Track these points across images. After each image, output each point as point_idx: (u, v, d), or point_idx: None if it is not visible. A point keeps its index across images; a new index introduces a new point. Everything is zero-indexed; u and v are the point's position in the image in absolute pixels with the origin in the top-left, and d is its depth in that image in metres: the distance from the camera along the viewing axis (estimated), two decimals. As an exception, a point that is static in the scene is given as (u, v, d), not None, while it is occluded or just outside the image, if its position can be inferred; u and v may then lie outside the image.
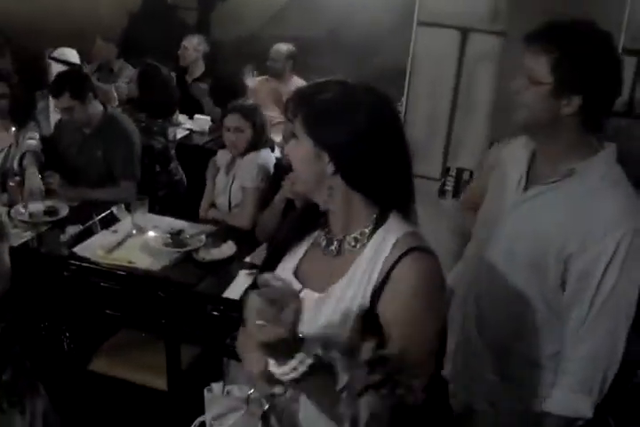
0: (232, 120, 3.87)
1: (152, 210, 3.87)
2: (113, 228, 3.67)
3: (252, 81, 6.05)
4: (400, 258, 1.56)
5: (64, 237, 3.55)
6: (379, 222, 1.64)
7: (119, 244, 3.49)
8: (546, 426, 2.06)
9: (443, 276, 1.62)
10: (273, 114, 5.28)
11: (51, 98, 4.51)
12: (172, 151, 4.84)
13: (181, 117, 5.66)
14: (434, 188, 3.39)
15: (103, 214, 3.76)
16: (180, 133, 5.42)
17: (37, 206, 3.80)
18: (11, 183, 3.95)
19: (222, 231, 3.68)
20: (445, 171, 3.37)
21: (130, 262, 3.34)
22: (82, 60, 5.96)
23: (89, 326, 3.58)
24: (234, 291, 3.14)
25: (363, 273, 1.60)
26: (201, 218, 3.98)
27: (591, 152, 2.01)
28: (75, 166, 4.23)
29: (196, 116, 5.71)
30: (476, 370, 2.28)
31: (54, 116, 4.89)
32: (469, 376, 2.30)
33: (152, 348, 3.30)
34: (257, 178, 3.82)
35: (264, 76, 6.14)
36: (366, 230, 1.64)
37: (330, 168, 1.59)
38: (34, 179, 4.00)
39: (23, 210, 3.77)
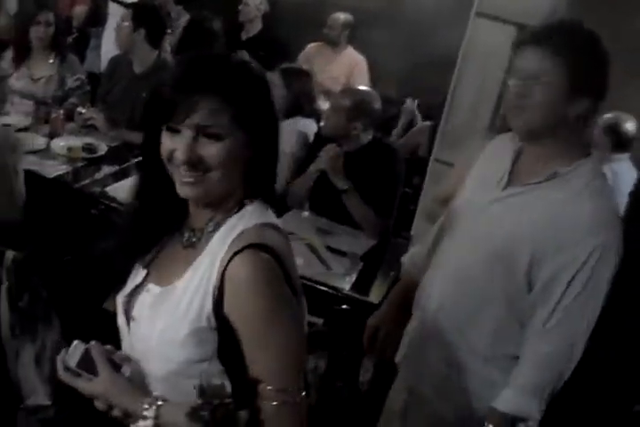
0: (272, 78, 3.87)
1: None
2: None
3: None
4: (233, 256, 1.42)
5: (98, 176, 3.62)
6: (239, 209, 1.53)
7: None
8: (489, 421, 2.05)
9: (280, 275, 1.45)
10: (324, 82, 5.31)
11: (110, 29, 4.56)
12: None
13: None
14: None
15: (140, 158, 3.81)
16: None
17: (76, 142, 3.88)
18: (53, 115, 4.02)
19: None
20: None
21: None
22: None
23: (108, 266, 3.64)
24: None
25: (206, 267, 1.47)
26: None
27: (577, 157, 1.98)
28: (118, 105, 4.25)
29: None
30: (427, 356, 2.25)
31: (106, 55, 4.95)
32: (420, 362, 2.29)
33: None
34: (294, 144, 3.84)
35: (319, 43, 6.15)
36: (220, 218, 1.53)
37: (247, 153, 1.48)
38: (77, 116, 4.09)
39: (62, 143, 3.84)
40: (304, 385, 1.47)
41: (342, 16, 6.00)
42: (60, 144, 3.83)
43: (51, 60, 4.36)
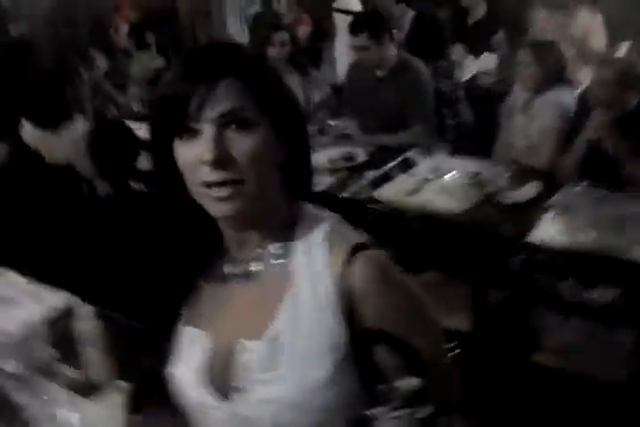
0: (523, 56, 3.75)
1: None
2: (410, 172, 3.66)
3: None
4: (350, 263, 1.20)
5: (363, 182, 3.61)
6: (297, 216, 1.28)
7: (418, 187, 3.48)
8: None
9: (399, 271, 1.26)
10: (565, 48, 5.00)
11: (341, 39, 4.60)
12: (460, 93, 4.75)
13: (468, 59, 5.53)
14: None
15: (400, 159, 3.78)
16: (468, 74, 5.31)
17: (335, 153, 3.90)
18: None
19: (522, 173, 3.55)
20: None
21: (429, 206, 3.32)
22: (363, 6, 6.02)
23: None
24: (537, 235, 3.03)
25: (309, 291, 1.21)
26: (499, 159, 3.87)
27: None
28: (367, 111, 4.25)
29: (484, 54, 5.55)
30: None
31: (341, 63, 5.00)
32: None
33: (455, 290, 3.28)
34: (557, 118, 3.65)
35: (549, 11, 5.82)
36: (288, 231, 1.26)
37: (282, 158, 1.23)
38: (328, 129, 4.14)
39: (322, 157, 3.83)
40: None
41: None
42: (319, 158, 3.85)
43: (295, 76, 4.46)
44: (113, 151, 3.05)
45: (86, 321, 2.18)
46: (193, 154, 1.16)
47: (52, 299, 2.67)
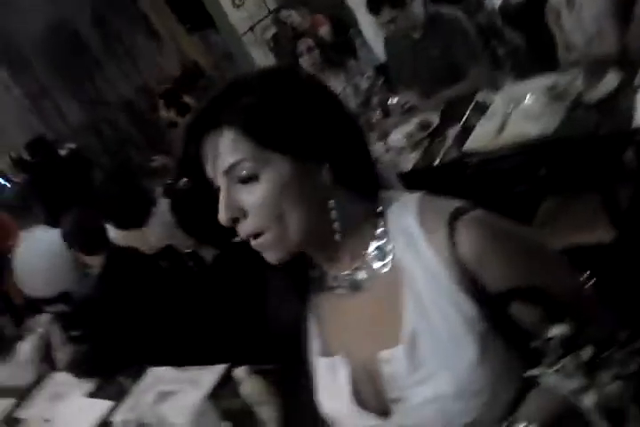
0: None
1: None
2: (488, 113, 3.52)
3: None
4: (452, 234, 1.13)
5: (449, 142, 3.52)
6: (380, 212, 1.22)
7: (502, 124, 3.34)
8: None
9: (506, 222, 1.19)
10: None
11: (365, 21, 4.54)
12: (498, 20, 4.60)
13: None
14: None
15: (471, 106, 3.66)
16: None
17: (409, 127, 3.82)
18: (375, 118, 4.06)
19: (594, 68, 3.34)
20: None
21: (522, 137, 3.19)
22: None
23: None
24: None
25: (426, 278, 1.15)
26: (565, 65, 3.69)
27: None
28: (419, 75, 4.16)
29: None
30: None
31: (377, 43, 4.93)
32: None
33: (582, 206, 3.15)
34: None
35: None
36: (377, 231, 1.21)
37: (327, 175, 1.16)
38: (393, 106, 4.06)
39: (396, 136, 3.81)
40: None
41: None
42: (396, 138, 3.79)
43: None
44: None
45: (246, 382, 2.17)
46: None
47: (207, 376, 2.71)
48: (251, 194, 1.12)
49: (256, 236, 1.15)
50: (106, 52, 8.02)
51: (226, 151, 1.12)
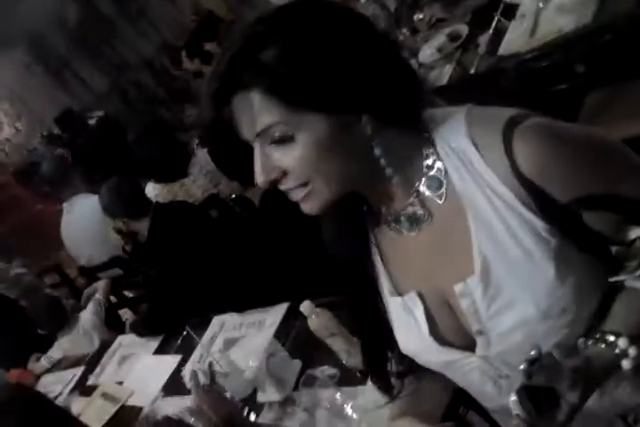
0: None
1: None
2: (518, 14, 3.32)
3: None
4: (509, 148, 1.05)
5: (482, 49, 3.35)
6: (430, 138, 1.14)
7: (535, 22, 3.15)
8: None
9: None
10: None
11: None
12: None
13: None
14: None
15: (500, 9, 3.46)
16: None
17: (437, 41, 3.66)
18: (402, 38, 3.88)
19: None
20: None
21: (558, 32, 3.00)
22: None
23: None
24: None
25: (486, 200, 1.08)
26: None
27: None
28: None
29: None
30: None
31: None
32: None
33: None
34: None
35: None
36: (428, 161, 1.13)
37: (367, 124, 1.08)
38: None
39: (427, 52, 3.67)
40: None
41: None
42: (426, 54, 3.65)
43: None
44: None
45: (313, 316, 2.13)
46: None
47: (271, 317, 2.70)
48: (288, 155, 1.09)
49: (301, 186, 1.12)
50: (120, 14, 7.91)
51: (256, 114, 1.06)
